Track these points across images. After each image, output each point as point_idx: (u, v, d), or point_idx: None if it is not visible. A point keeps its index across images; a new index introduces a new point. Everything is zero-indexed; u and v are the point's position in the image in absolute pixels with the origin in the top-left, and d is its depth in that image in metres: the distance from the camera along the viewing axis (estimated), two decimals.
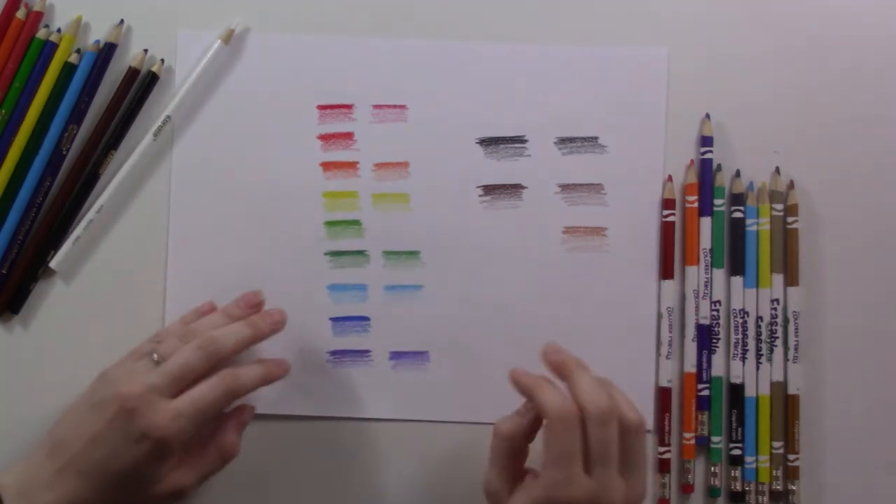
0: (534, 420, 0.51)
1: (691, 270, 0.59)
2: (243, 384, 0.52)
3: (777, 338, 0.59)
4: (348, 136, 0.59)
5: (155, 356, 0.52)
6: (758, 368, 0.59)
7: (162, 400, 0.50)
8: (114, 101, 0.58)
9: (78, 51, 0.58)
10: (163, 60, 0.59)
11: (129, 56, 0.59)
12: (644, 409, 0.58)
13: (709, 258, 0.59)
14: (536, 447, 0.50)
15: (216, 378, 0.51)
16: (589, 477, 0.47)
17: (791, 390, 0.58)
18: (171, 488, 0.51)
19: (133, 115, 0.58)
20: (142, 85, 0.58)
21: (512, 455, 0.50)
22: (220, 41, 0.58)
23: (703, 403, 0.58)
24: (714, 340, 0.58)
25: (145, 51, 0.59)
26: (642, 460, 0.50)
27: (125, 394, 0.49)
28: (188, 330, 0.53)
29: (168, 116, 0.58)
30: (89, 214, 0.58)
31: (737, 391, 0.58)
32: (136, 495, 0.51)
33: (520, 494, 0.49)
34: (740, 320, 0.59)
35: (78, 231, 0.58)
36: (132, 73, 0.58)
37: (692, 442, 0.58)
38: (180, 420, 0.49)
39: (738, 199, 0.59)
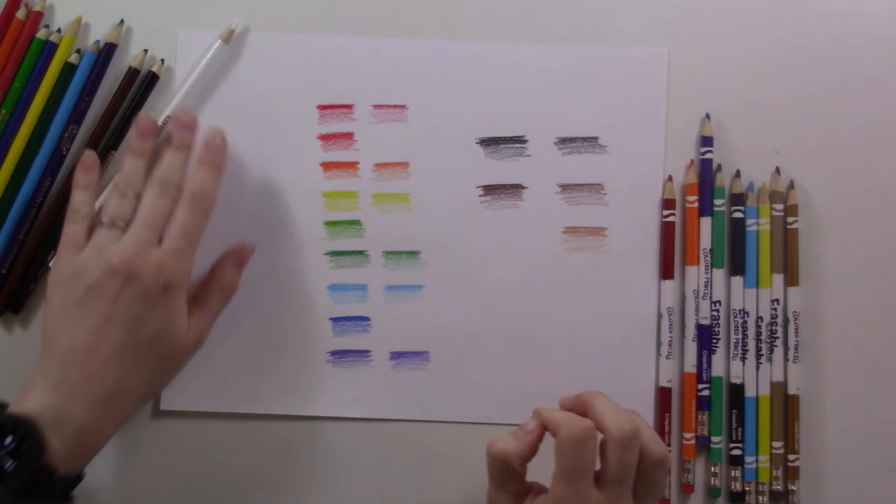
0: (530, 443, 0.50)
1: (691, 270, 0.59)
2: (206, 193, 0.52)
3: (777, 338, 0.59)
4: (348, 136, 0.59)
5: (111, 221, 0.51)
6: (758, 368, 0.59)
7: (155, 249, 0.50)
8: (114, 101, 0.58)
9: (78, 51, 0.58)
10: (163, 60, 0.59)
11: (129, 56, 0.59)
12: (644, 409, 0.58)
13: (709, 258, 0.59)
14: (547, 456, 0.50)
15: (182, 204, 0.52)
16: (599, 494, 0.47)
17: (791, 390, 0.58)
18: (193, 337, 0.53)
19: (133, 115, 0.58)
20: (142, 85, 0.58)
21: (507, 473, 0.50)
22: (220, 41, 0.58)
23: (703, 403, 0.58)
24: (714, 340, 0.58)
25: (145, 51, 0.59)
26: (661, 491, 0.51)
27: (122, 262, 0.49)
28: (124, 184, 0.52)
29: (168, 116, 0.58)
30: None
31: (737, 391, 0.58)
32: (170, 355, 0.52)
33: None
34: (740, 320, 0.59)
35: None
36: (132, 73, 0.58)
37: (692, 442, 0.58)
38: (182, 256, 0.51)
39: (738, 199, 0.59)
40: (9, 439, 0.47)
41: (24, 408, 0.48)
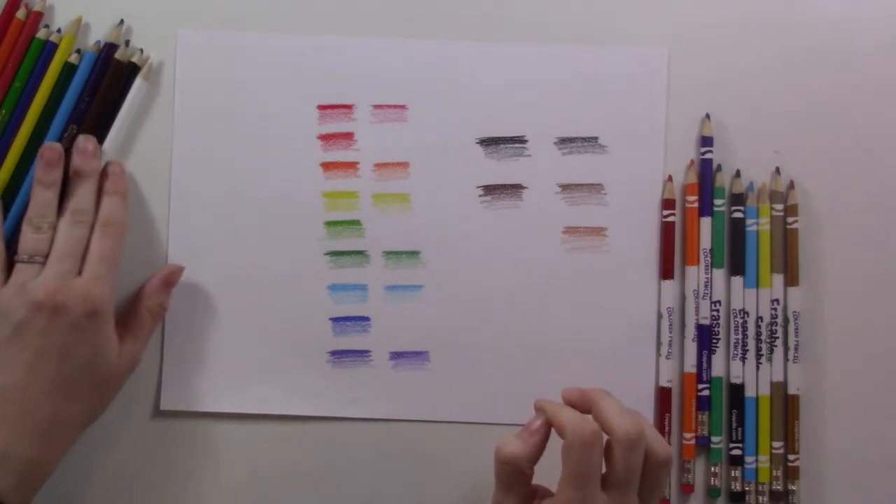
0: (538, 444, 0.50)
1: (691, 270, 0.59)
2: (116, 219, 0.54)
3: (777, 338, 0.59)
4: (348, 136, 0.59)
5: (29, 257, 0.52)
6: (758, 368, 0.59)
7: (77, 279, 0.51)
8: (102, 97, 0.58)
9: (78, 51, 0.58)
10: (142, 50, 0.59)
11: (131, 58, 0.59)
12: (644, 409, 0.58)
13: (709, 258, 0.59)
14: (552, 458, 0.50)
15: (96, 232, 0.53)
16: (605, 497, 0.47)
17: (791, 390, 0.58)
18: (126, 360, 0.54)
19: (115, 109, 0.58)
20: (121, 78, 0.58)
21: (516, 476, 0.50)
22: (141, 79, 0.58)
23: (703, 403, 0.58)
24: (714, 340, 0.58)
25: (140, 50, 0.59)
26: (663, 490, 0.51)
27: (47, 296, 0.50)
28: (37, 217, 0.53)
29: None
30: None
31: (737, 391, 0.58)
32: (104, 380, 0.53)
33: None
34: (740, 320, 0.59)
35: None
36: (118, 67, 0.58)
37: (692, 442, 0.58)
38: (103, 282, 0.52)
39: (738, 199, 0.59)
40: None
41: None
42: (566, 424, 0.48)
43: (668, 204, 0.59)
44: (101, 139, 0.58)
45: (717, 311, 0.59)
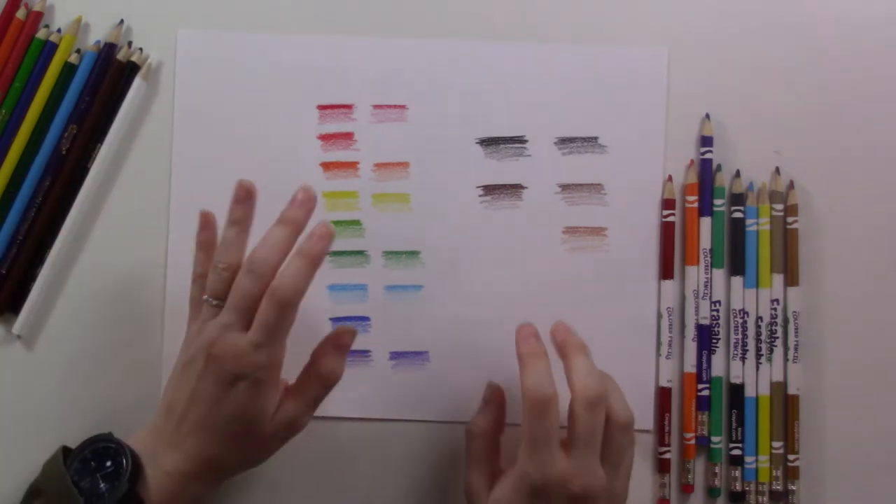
0: (495, 410, 0.55)
1: (691, 270, 0.59)
2: (289, 289, 0.48)
3: (777, 338, 0.59)
4: (348, 136, 0.59)
5: (210, 300, 0.51)
6: (758, 368, 0.59)
7: (240, 336, 0.49)
8: (102, 97, 0.58)
9: (78, 51, 0.58)
10: (141, 49, 0.59)
11: (131, 57, 0.59)
12: (644, 409, 0.58)
13: (709, 258, 0.59)
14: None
15: (266, 297, 0.49)
16: (567, 457, 0.48)
17: (791, 390, 0.58)
18: (284, 421, 0.51)
19: (115, 109, 0.58)
20: (121, 78, 0.58)
21: (487, 452, 0.53)
22: (141, 79, 0.58)
23: (703, 403, 0.58)
24: (714, 340, 0.58)
25: (140, 49, 0.59)
26: (628, 459, 0.51)
27: (207, 343, 0.49)
28: (218, 257, 0.51)
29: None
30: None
31: (737, 391, 0.58)
32: (254, 436, 0.50)
33: (498, 487, 0.51)
34: (740, 320, 0.59)
35: (74, 233, 0.58)
36: (118, 67, 0.58)
37: (692, 442, 0.58)
38: (259, 350, 0.48)
39: (738, 199, 0.59)
40: (108, 463, 0.49)
41: (129, 441, 0.50)
42: (524, 386, 0.49)
43: (667, 204, 0.59)
44: (100, 139, 0.58)
45: (717, 311, 0.59)
